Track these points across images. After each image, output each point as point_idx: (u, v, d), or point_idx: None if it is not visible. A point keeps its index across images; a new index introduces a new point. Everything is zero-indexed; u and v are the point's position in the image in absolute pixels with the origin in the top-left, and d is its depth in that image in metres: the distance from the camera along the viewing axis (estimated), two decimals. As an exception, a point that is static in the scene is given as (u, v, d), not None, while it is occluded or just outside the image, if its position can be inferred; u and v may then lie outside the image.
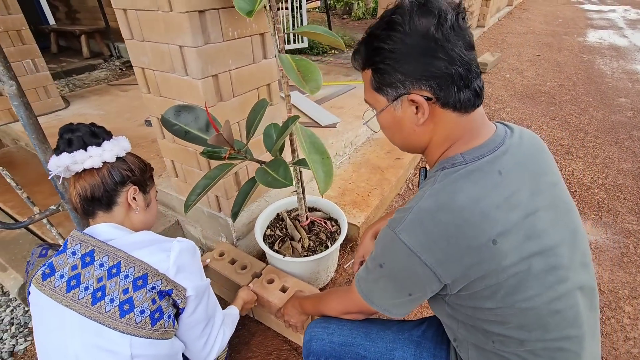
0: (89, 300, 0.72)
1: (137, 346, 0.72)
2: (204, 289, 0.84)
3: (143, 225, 0.90)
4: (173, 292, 0.77)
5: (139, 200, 0.86)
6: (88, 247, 0.75)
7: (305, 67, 1.02)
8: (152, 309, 0.74)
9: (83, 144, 0.78)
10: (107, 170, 0.80)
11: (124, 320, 0.71)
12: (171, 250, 0.78)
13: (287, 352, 1.29)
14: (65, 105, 2.90)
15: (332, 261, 1.48)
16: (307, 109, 2.52)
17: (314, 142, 1.17)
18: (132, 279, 0.73)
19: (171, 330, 0.79)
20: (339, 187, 1.93)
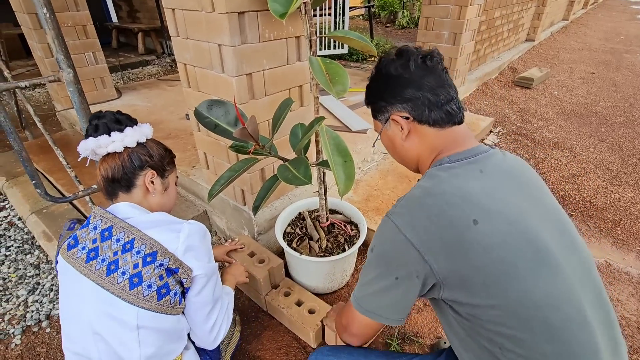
0: (104, 272, 0.77)
1: (142, 317, 0.77)
2: (211, 271, 0.88)
3: (160, 208, 0.95)
4: (179, 271, 0.81)
5: (157, 184, 0.92)
6: (107, 223, 0.81)
7: (334, 71, 1.04)
8: (159, 284, 0.78)
9: (107, 129, 0.85)
10: (128, 154, 0.87)
11: (132, 292, 0.76)
12: (181, 231, 0.83)
13: (296, 349, 1.31)
14: (118, 95, 3.14)
15: (349, 265, 1.48)
16: (339, 114, 2.54)
17: (338, 144, 1.18)
18: (142, 255, 0.78)
19: (177, 307, 0.83)
20: (363, 192, 1.93)
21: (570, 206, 2.11)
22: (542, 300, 0.59)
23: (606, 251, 1.79)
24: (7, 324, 1.45)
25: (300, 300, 1.37)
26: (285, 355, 1.29)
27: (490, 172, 0.69)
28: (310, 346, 1.30)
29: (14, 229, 2.00)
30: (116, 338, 0.77)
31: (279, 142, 1.49)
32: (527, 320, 0.60)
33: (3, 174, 2.29)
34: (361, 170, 2.13)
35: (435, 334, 1.35)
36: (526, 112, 3.37)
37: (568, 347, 0.59)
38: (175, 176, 1.01)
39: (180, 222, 0.86)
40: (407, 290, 0.68)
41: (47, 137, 1.32)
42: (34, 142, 2.62)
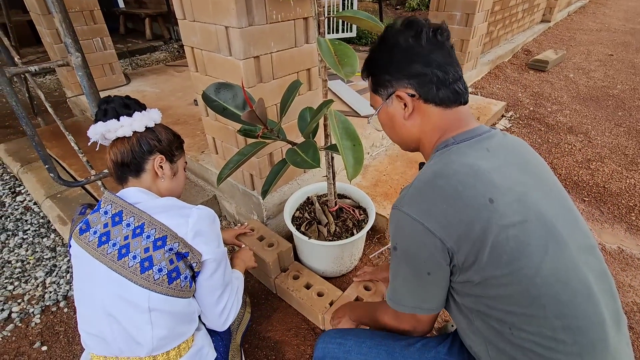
0: (115, 255, 0.79)
1: (154, 300, 0.79)
2: (220, 256, 0.89)
3: (169, 193, 0.96)
4: (189, 255, 0.82)
5: (166, 168, 0.92)
6: (117, 207, 0.82)
7: (343, 52, 1.02)
8: (169, 268, 0.80)
9: (116, 114, 0.85)
10: (137, 139, 0.87)
11: (143, 276, 0.78)
12: (190, 216, 0.83)
13: (305, 331, 1.33)
14: (127, 82, 3.14)
15: (357, 249, 1.49)
16: (348, 98, 2.51)
17: (347, 127, 1.17)
18: (152, 239, 0.79)
19: (188, 291, 0.84)
20: (372, 177, 1.92)
21: (584, 192, 2.07)
22: (552, 277, 0.59)
23: (619, 237, 1.77)
24: (27, 303, 1.51)
25: (309, 283, 1.39)
26: (294, 336, 1.31)
27: (496, 150, 0.68)
28: (319, 327, 1.32)
29: (30, 213, 2.05)
30: (129, 320, 0.79)
31: (288, 126, 1.48)
32: (538, 297, 0.59)
33: (18, 160, 2.34)
34: (370, 155, 2.11)
35: (443, 317, 1.36)
36: (540, 95, 3.28)
37: (577, 321, 0.60)
38: (184, 161, 1.01)
39: (189, 207, 0.86)
40: (441, 279, 0.67)
41: (59, 123, 1.34)
42: (46, 128, 2.66)
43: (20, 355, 1.30)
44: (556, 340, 0.60)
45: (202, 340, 0.91)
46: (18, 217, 2.02)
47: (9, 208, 2.10)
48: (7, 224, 1.96)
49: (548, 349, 0.60)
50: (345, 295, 1.32)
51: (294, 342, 1.29)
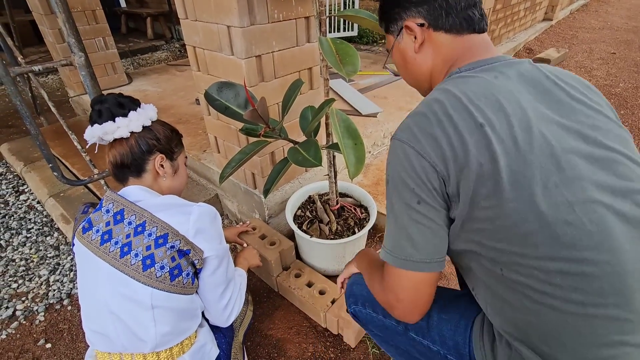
0: (117, 254, 0.79)
1: (157, 298, 0.79)
2: (222, 252, 0.89)
3: (171, 190, 0.95)
4: (190, 252, 0.82)
5: (167, 167, 0.92)
6: (119, 206, 0.83)
7: (344, 51, 1.03)
8: (171, 265, 0.80)
9: (111, 115, 0.83)
10: (135, 139, 0.86)
11: (145, 273, 0.78)
12: (191, 213, 0.83)
13: (306, 329, 1.34)
14: (129, 81, 3.16)
15: (359, 247, 1.49)
16: (349, 97, 2.51)
17: (348, 126, 1.17)
18: (154, 237, 0.80)
19: (190, 287, 0.85)
20: (373, 176, 1.93)
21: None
22: (550, 214, 0.54)
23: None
24: (31, 301, 1.52)
25: (311, 282, 1.40)
26: (296, 334, 1.32)
27: (508, 77, 0.63)
28: (321, 325, 1.33)
29: (33, 212, 2.06)
30: (132, 317, 0.79)
31: (289, 125, 1.49)
32: (530, 235, 0.54)
33: (21, 159, 2.35)
34: (371, 155, 2.12)
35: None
36: (542, 94, 3.27)
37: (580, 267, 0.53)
38: (185, 156, 1.00)
39: (190, 205, 0.86)
40: (433, 215, 0.62)
41: (62, 122, 1.35)
42: (49, 127, 2.67)
43: (24, 353, 1.31)
44: (551, 284, 0.55)
45: (205, 337, 0.92)
46: (22, 216, 2.03)
47: (13, 207, 2.11)
48: (11, 222, 1.98)
49: (542, 293, 0.55)
50: (347, 294, 1.32)
51: (295, 340, 1.30)
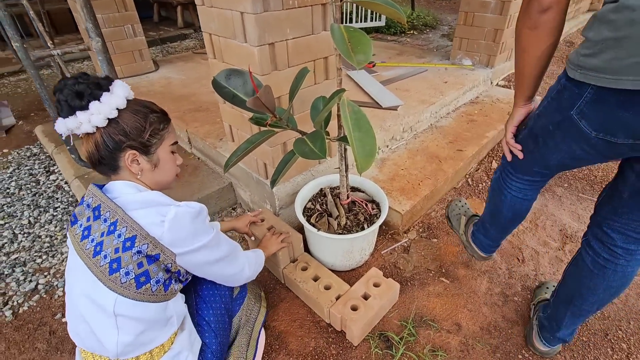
0: (91, 252, 0.75)
1: (120, 305, 0.75)
2: (210, 244, 0.84)
3: (156, 185, 0.88)
4: (160, 257, 0.77)
5: (142, 163, 0.82)
6: (97, 201, 0.78)
7: (357, 39, 0.98)
8: (136, 272, 0.75)
9: (69, 108, 0.74)
10: (100, 135, 0.77)
11: (111, 277, 0.74)
12: (167, 214, 0.76)
13: (309, 323, 1.32)
14: (155, 68, 3.23)
15: (368, 244, 1.45)
16: (369, 89, 2.44)
17: (360, 118, 1.13)
18: (122, 239, 0.74)
19: (162, 295, 0.79)
20: (389, 171, 1.87)
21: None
22: None
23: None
24: (52, 276, 1.60)
25: (317, 276, 1.38)
26: (299, 327, 1.31)
27: None
28: (324, 321, 1.31)
29: (61, 192, 2.16)
30: (96, 322, 0.77)
31: (301, 116, 1.46)
32: None
33: (53, 141, 2.46)
34: (389, 149, 2.05)
35: (454, 320, 1.30)
36: (581, 91, 3.05)
37: None
38: (170, 144, 0.88)
39: (168, 205, 0.78)
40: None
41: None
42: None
43: (42, 325, 1.38)
44: None
45: (182, 344, 0.87)
46: (50, 195, 2.14)
47: (43, 186, 2.23)
48: (40, 200, 2.08)
49: None
50: (353, 290, 1.29)
51: (298, 334, 1.29)
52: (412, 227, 1.71)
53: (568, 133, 0.82)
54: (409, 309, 1.35)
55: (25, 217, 1.96)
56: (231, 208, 1.93)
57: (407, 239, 1.65)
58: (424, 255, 1.57)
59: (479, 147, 2.06)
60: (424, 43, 4.14)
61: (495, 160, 2.17)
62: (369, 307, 1.23)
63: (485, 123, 2.32)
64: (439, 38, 4.49)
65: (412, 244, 1.62)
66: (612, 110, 0.70)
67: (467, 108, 2.53)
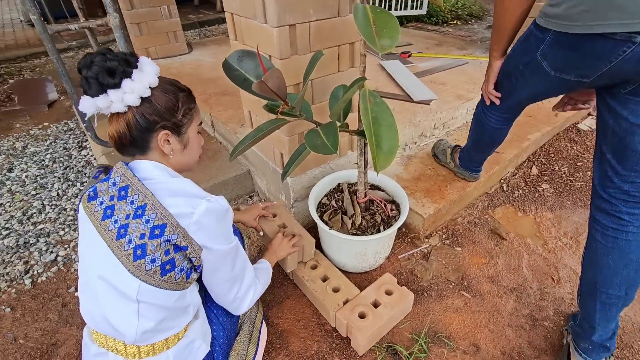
0: (114, 234, 0.72)
1: (143, 292, 0.73)
2: (227, 251, 0.81)
3: (183, 167, 0.87)
4: (188, 249, 0.75)
5: (173, 143, 0.80)
6: (125, 181, 0.75)
7: (384, 21, 0.87)
8: (163, 260, 0.73)
9: (100, 86, 0.69)
10: (132, 115, 0.73)
11: (135, 264, 0.72)
12: (197, 207, 0.74)
13: (314, 325, 1.26)
14: (189, 50, 3.24)
15: (383, 247, 1.35)
16: (401, 80, 2.29)
17: (382, 111, 1.02)
18: (151, 226, 0.72)
19: (183, 283, 0.78)
20: (415, 170, 1.74)
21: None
22: None
23: None
24: (72, 250, 1.64)
25: (327, 276, 1.30)
26: (302, 328, 1.25)
27: None
28: (330, 324, 1.24)
29: (90, 167, 2.23)
30: (114, 307, 0.74)
31: (320, 106, 1.36)
32: None
33: (86, 117, 2.54)
34: (417, 146, 1.91)
35: (472, 340, 1.19)
36: None
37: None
38: (197, 124, 0.87)
39: (201, 197, 0.76)
40: None
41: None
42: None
43: (57, 297, 1.42)
44: None
45: (196, 332, 0.85)
46: (79, 170, 2.20)
47: (74, 160, 2.31)
48: (70, 174, 2.16)
49: None
50: (362, 296, 1.21)
51: (301, 335, 1.22)
52: (435, 232, 1.59)
53: (534, 72, 0.98)
54: (423, 322, 1.24)
55: (55, 189, 2.03)
56: (248, 196, 1.89)
57: (428, 244, 1.53)
58: (445, 264, 1.45)
59: (518, 150, 1.87)
60: (467, 34, 3.86)
61: (535, 165, 1.97)
62: (378, 316, 1.14)
63: (527, 123, 2.10)
64: (484, 29, 4.18)
65: (432, 251, 1.50)
66: (566, 52, 0.86)
67: (509, 106, 2.32)
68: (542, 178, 1.89)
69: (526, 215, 1.68)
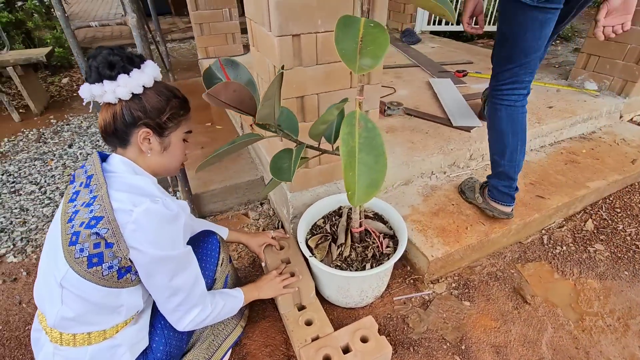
0: (67, 217, 0.76)
1: (69, 278, 0.74)
2: (161, 259, 0.78)
3: (161, 168, 0.88)
4: (114, 247, 0.74)
5: (153, 143, 0.83)
6: (92, 171, 0.79)
7: (373, 36, 0.76)
8: (91, 252, 0.73)
9: (98, 76, 0.75)
10: (121, 107, 0.78)
11: (69, 249, 0.73)
12: (139, 206, 0.74)
13: (281, 355, 1.16)
14: (244, 52, 3.36)
15: (370, 286, 1.21)
16: (447, 102, 2.09)
17: (373, 137, 0.90)
18: (91, 216, 0.73)
19: (114, 282, 0.77)
20: (435, 203, 1.55)
21: None
22: None
23: None
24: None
25: (304, 305, 1.20)
26: (268, 355, 1.16)
27: None
28: (296, 358, 1.14)
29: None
30: (47, 285, 0.77)
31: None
32: None
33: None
34: (446, 176, 1.71)
35: None
36: None
37: None
38: (184, 132, 0.89)
39: (147, 197, 0.77)
40: None
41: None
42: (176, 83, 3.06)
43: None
44: None
45: (126, 338, 0.83)
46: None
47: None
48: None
49: None
50: (334, 336, 1.09)
51: (264, 362, 1.14)
52: (444, 278, 1.39)
53: (523, 15, 1.08)
54: None
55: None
56: (259, 202, 1.86)
57: (431, 291, 1.34)
58: (445, 318, 1.25)
59: (570, 199, 1.57)
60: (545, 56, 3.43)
61: (592, 219, 1.64)
62: (343, 365, 1.01)
63: (590, 168, 1.76)
64: (568, 52, 3.69)
65: (435, 300, 1.31)
66: None
67: (572, 144, 1.98)
68: (597, 236, 1.56)
69: (564, 278, 1.39)
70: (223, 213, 1.79)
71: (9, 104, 2.82)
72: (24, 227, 1.75)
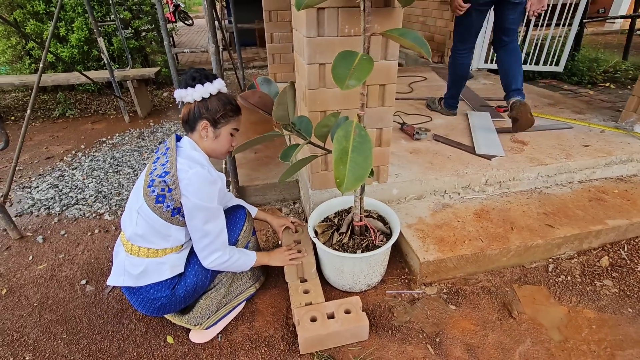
0: (150, 170, 1.16)
1: (142, 208, 1.12)
2: (199, 207, 1.12)
3: (211, 151, 1.25)
4: (172, 192, 1.10)
5: (209, 132, 1.20)
6: (169, 144, 1.19)
7: (363, 66, 1.04)
8: (159, 193, 1.11)
9: (185, 84, 1.15)
10: (194, 105, 1.17)
11: (146, 190, 1.12)
12: (192, 168, 1.12)
13: (282, 315, 1.41)
14: (308, 79, 3.84)
15: (362, 271, 1.41)
16: (476, 132, 2.22)
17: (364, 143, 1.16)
18: (163, 170, 1.12)
19: (168, 217, 1.12)
20: (442, 218, 1.70)
21: None
22: None
23: None
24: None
25: (305, 278, 1.46)
26: (272, 314, 1.42)
27: None
28: (292, 320, 1.38)
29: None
30: (129, 214, 1.17)
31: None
32: None
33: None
34: (459, 197, 1.85)
35: None
36: None
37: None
38: (232, 129, 1.24)
39: (198, 165, 1.14)
40: None
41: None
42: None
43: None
44: None
45: (169, 260, 1.18)
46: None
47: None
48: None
49: None
50: (323, 305, 1.32)
51: (267, 318, 1.41)
52: (438, 283, 1.52)
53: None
54: (372, 354, 1.26)
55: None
56: (292, 201, 2.18)
57: (421, 291, 1.49)
58: (428, 315, 1.39)
59: (579, 231, 1.59)
60: (608, 99, 3.29)
61: (609, 256, 1.62)
62: (325, 325, 1.24)
63: (617, 207, 1.74)
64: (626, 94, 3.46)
65: (423, 298, 1.46)
66: None
67: (604, 184, 1.95)
68: (609, 273, 1.55)
69: (560, 304, 1.42)
70: (262, 205, 2.14)
71: (124, 108, 3.65)
72: (118, 197, 2.31)
